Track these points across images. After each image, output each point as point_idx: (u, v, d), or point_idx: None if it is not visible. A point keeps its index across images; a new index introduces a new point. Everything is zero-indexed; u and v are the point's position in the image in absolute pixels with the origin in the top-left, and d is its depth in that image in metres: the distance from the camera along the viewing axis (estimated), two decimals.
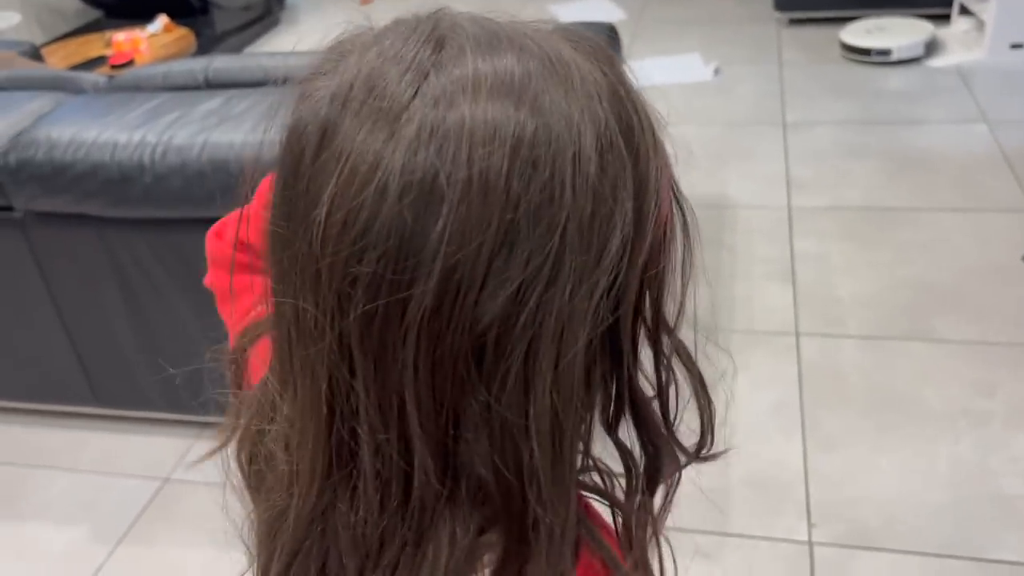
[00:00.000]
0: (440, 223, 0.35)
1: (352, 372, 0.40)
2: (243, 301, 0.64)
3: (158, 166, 1.45)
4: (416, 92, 0.37)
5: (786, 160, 2.73)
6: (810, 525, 1.56)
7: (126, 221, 1.56)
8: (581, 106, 0.38)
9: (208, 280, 0.72)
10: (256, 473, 0.50)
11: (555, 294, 0.37)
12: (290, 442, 0.45)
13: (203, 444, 1.87)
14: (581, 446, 0.43)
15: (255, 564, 0.50)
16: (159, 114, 1.53)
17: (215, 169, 1.43)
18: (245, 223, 0.60)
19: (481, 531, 0.43)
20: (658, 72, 3.43)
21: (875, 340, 1.96)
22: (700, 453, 0.50)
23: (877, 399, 1.80)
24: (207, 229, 1.56)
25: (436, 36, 0.39)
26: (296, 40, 4.30)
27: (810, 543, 1.53)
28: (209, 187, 1.45)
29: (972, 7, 3.34)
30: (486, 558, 0.43)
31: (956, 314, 2.01)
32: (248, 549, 0.52)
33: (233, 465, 0.53)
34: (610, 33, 2.10)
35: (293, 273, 0.40)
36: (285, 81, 0.43)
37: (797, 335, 2.00)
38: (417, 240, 0.36)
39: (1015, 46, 3.18)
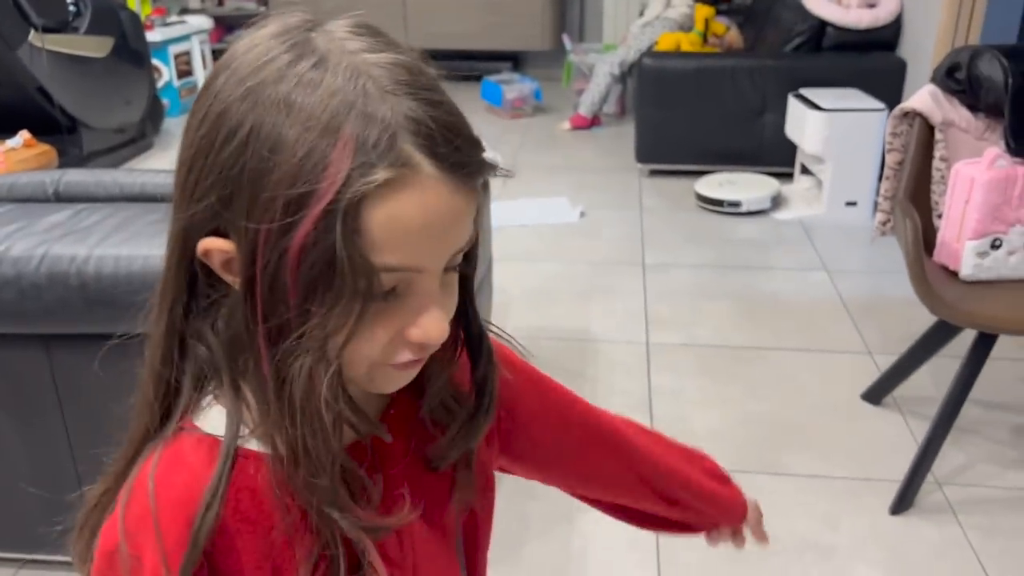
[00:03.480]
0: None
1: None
2: None
3: None
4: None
5: (645, 299, 2.85)
6: None
7: None
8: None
9: None
10: None
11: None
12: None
13: None
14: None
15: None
16: None
17: (52, 283, 1.36)
18: None
19: None
20: (528, 212, 3.56)
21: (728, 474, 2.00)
22: None
23: None
24: (42, 345, 1.47)
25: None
26: (168, 164, 4.25)
27: None
28: (45, 301, 1.37)
29: (812, 168, 3.67)
30: None
31: (802, 449, 2.09)
32: None
33: None
34: None
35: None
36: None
37: None
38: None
39: (849, 204, 3.48)
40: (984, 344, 1.85)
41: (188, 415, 0.57)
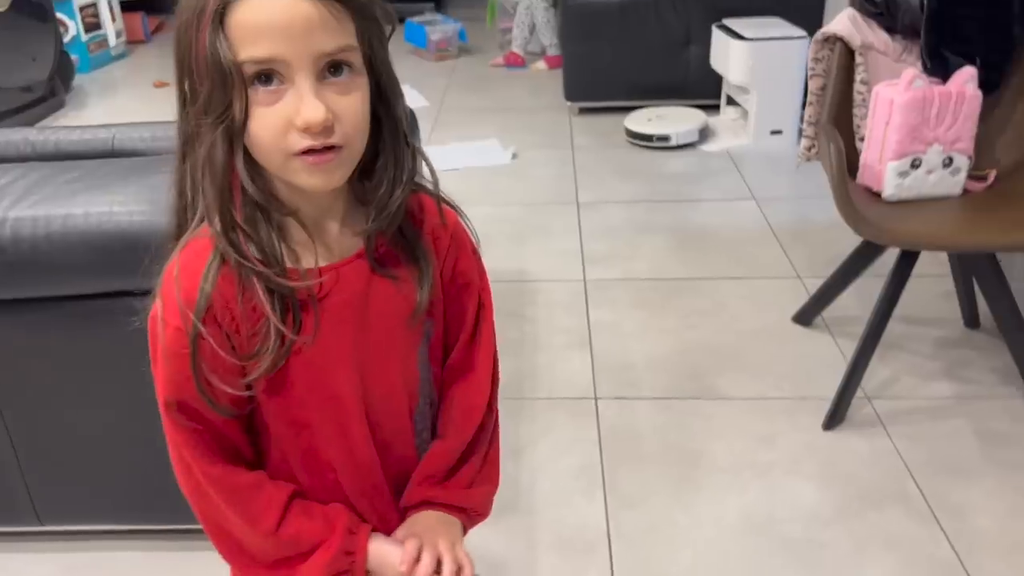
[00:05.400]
0: None
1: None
2: None
3: None
4: None
5: (580, 236, 2.87)
6: None
7: None
8: None
9: None
10: None
11: None
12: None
13: None
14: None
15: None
16: None
17: None
18: None
19: None
20: (459, 156, 3.53)
21: (667, 400, 2.06)
22: None
23: (672, 457, 1.88)
24: None
25: None
26: (82, 122, 4.08)
27: None
28: None
29: (737, 98, 3.70)
30: None
31: (737, 373, 2.15)
32: None
33: None
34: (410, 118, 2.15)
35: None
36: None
37: (596, 399, 2.06)
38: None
39: (774, 132, 3.54)
40: (906, 262, 1.91)
41: (203, 223, 0.76)
